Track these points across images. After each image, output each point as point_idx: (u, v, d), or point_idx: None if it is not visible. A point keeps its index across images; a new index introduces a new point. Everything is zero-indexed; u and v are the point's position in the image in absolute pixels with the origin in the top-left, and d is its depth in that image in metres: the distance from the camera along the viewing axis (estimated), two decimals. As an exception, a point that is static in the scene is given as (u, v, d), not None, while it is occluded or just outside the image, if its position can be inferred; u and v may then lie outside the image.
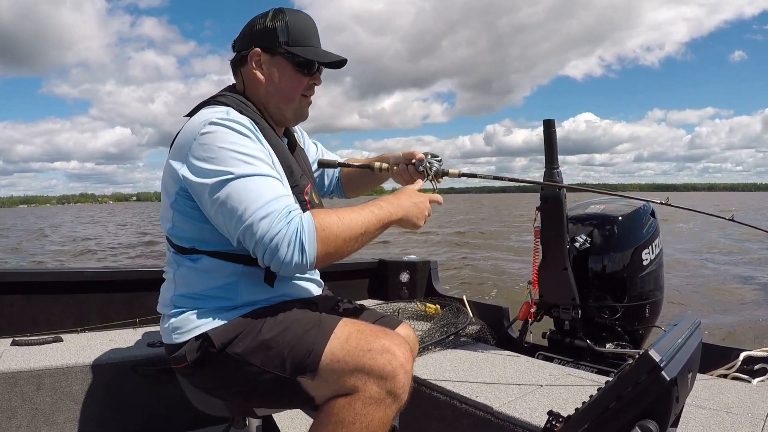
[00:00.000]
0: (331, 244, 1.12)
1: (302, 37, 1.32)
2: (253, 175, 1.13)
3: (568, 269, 2.04)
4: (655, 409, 0.83)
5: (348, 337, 1.15)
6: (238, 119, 1.21)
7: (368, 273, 3.13)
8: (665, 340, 0.92)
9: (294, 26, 1.31)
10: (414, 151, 1.54)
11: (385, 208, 1.23)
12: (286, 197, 1.14)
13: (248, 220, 1.09)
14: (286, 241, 1.07)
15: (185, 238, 1.27)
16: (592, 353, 2.04)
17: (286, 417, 2.02)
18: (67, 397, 1.73)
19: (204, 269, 1.25)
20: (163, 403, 1.87)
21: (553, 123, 2.03)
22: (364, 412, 1.09)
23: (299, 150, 1.54)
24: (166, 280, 1.35)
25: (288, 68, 1.32)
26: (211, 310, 1.24)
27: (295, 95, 1.36)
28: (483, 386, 1.69)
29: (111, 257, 13.60)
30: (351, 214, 1.17)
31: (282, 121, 1.40)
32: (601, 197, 2.49)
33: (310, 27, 1.34)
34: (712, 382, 1.70)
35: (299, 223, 1.09)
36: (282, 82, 1.33)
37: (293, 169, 1.32)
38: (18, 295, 2.14)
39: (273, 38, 1.31)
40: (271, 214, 1.09)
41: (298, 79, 1.34)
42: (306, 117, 1.43)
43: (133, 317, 2.29)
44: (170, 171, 1.22)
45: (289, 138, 1.50)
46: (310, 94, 1.39)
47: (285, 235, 1.08)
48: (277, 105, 1.36)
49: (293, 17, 1.32)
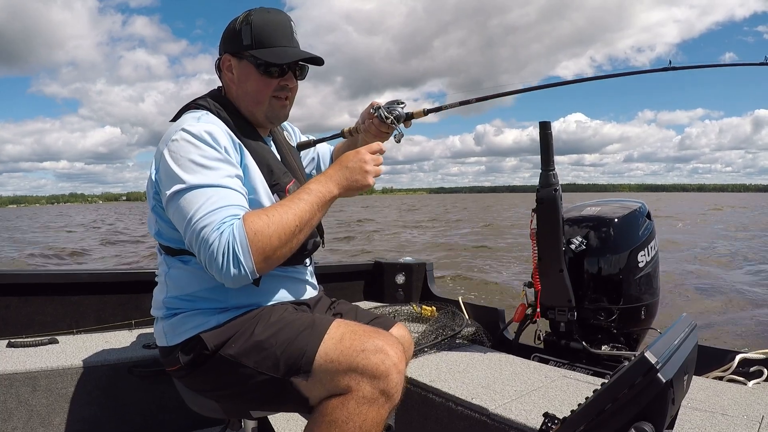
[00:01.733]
0: (268, 249, 1.09)
1: (268, 39, 1.30)
2: (205, 185, 1.13)
3: (564, 271, 2.05)
4: (650, 411, 0.83)
5: (341, 337, 1.15)
6: (206, 127, 1.21)
7: (364, 275, 3.12)
8: (661, 342, 0.92)
9: (259, 28, 1.29)
10: (372, 102, 1.53)
11: (315, 190, 1.20)
12: (229, 207, 1.12)
13: (189, 231, 1.10)
14: (220, 254, 1.06)
15: (172, 239, 1.28)
16: (588, 355, 2.05)
17: (281, 418, 2.01)
18: (62, 399, 1.72)
19: (195, 270, 1.26)
20: (159, 404, 1.87)
21: (549, 125, 2.04)
22: (357, 412, 1.09)
23: (288, 148, 1.53)
24: (158, 283, 1.36)
25: (253, 71, 1.32)
26: (203, 312, 1.25)
27: (263, 98, 1.34)
28: (479, 388, 1.69)
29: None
30: (280, 211, 1.13)
31: (256, 123, 1.40)
32: (596, 199, 2.50)
33: (278, 27, 1.31)
34: (708, 384, 1.70)
35: (230, 234, 1.07)
36: (248, 86, 1.34)
37: (273, 167, 1.33)
38: (14, 297, 2.13)
39: (239, 42, 1.31)
40: (208, 225, 1.08)
41: (264, 82, 1.33)
42: (283, 118, 1.42)
43: (129, 319, 2.28)
44: (150, 176, 1.26)
45: (275, 137, 1.50)
46: (284, 96, 1.37)
47: (218, 246, 1.07)
48: (247, 108, 1.37)
49: (259, 18, 1.30)
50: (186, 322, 1.24)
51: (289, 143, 1.57)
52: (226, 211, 1.11)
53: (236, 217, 1.10)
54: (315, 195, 1.19)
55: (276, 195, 1.32)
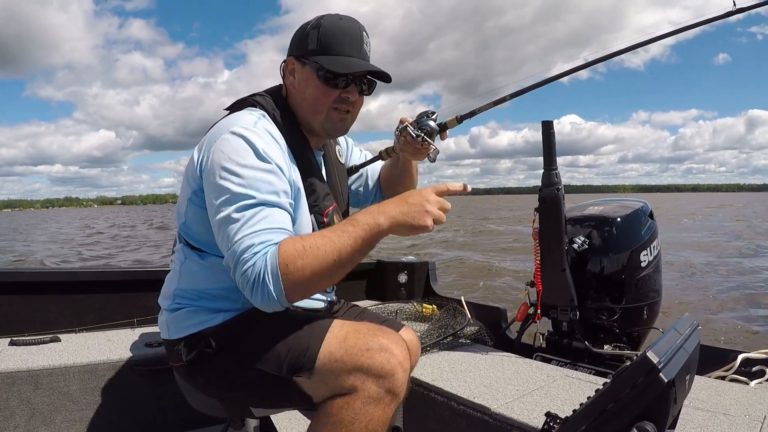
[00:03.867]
0: (300, 281, 1.03)
1: (334, 46, 1.23)
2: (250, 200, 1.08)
3: (567, 270, 2.04)
4: (652, 410, 0.83)
5: (346, 336, 1.14)
6: (261, 135, 1.16)
7: (366, 274, 3.12)
8: (663, 341, 0.92)
9: (327, 33, 1.23)
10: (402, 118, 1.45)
11: (362, 222, 1.08)
12: (269, 231, 1.07)
13: (229, 250, 1.06)
14: (251, 282, 1.03)
15: (196, 236, 1.25)
16: (590, 355, 2.04)
17: (284, 417, 2.01)
18: (65, 397, 1.72)
19: (212, 267, 1.24)
20: (161, 403, 1.87)
21: (552, 124, 2.03)
22: (363, 411, 1.08)
23: (335, 166, 1.47)
24: (171, 271, 1.33)
25: (314, 79, 1.26)
26: (209, 309, 1.24)
27: (322, 108, 1.28)
28: (481, 387, 1.69)
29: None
30: (319, 242, 1.05)
31: (313, 132, 1.34)
32: (599, 198, 2.49)
33: (347, 35, 1.24)
34: (710, 383, 1.70)
35: (263, 263, 1.03)
36: (308, 93, 1.28)
37: (316, 188, 1.28)
38: (16, 295, 2.13)
39: (304, 46, 1.26)
40: (247, 249, 1.04)
41: (324, 91, 1.26)
42: (341, 132, 1.36)
43: (132, 317, 2.29)
44: (192, 163, 1.21)
45: (326, 151, 1.44)
46: (344, 108, 1.30)
47: (251, 274, 1.03)
48: (304, 116, 1.31)
49: (329, 23, 1.25)
50: (190, 317, 1.24)
51: (338, 160, 1.51)
52: (266, 236, 1.06)
53: (273, 243, 1.05)
54: (361, 228, 1.07)
55: (313, 217, 1.27)
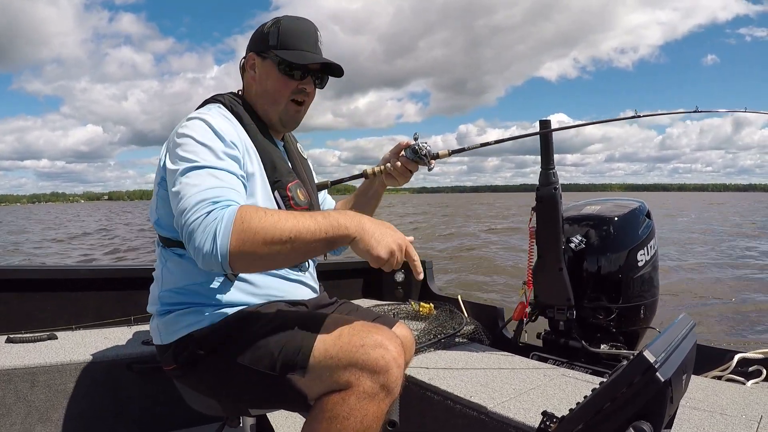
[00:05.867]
0: (248, 241, 1.02)
1: (292, 41, 1.35)
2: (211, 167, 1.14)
3: (564, 270, 2.05)
4: (649, 410, 0.83)
5: (340, 333, 1.15)
6: (215, 114, 1.27)
7: (363, 273, 3.12)
8: (660, 341, 0.92)
9: (285, 31, 1.35)
10: (400, 142, 1.59)
11: (333, 218, 1.07)
12: (225, 189, 1.10)
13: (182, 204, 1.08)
14: (201, 227, 1.03)
15: (171, 228, 1.25)
16: (587, 354, 2.05)
17: (280, 415, 2.01)
18: (61, 395, 1.72)
19: (190, 262, 1.24)
20: (158, 400, 1.87)
21: (549, 123, 2.02)
22: (358, 407, 1.09)
23: (298, 158, 1.53)
24: (154, 279, 1.36)
25: (274, 71, 1.36)
26: (197, 311, 1.24)
27: (281, 98, 1.38)
28: (477, 386, 1.69)
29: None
30: (281, 215, 1.06)
31: (270, 124, 1.42)
32: (596, 198, 2.49)
33: (303, 32, 1.37)
34: (706, 383, 1.70)
35: (220, 214, 1.04)
36: (268, 84, 1.38)
37: (277, 164, 1.35)
38: (13, 293, 2.13)
39: (265, 42, 1.37)
40: (202, 202, 1.07)
41: (283, 82, 1.36)
42: (295, 124, 1.45)
43: (128, 315, 2.29)
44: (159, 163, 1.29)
45: (287, 144, 1.52)
46: (301, 99, 1.40)
47: (203, 221, 1.04)
48: (263, 107, 1.40)
49: (288, 22, 1.37)
50: (179, 320, 1.24)
51: (301, 154, 1.58)
52: (221, 192, 1.09)
53: (229, 199, 1.08)
54: (329, 222, 1.06)
55: (277, 192, 1.32)
